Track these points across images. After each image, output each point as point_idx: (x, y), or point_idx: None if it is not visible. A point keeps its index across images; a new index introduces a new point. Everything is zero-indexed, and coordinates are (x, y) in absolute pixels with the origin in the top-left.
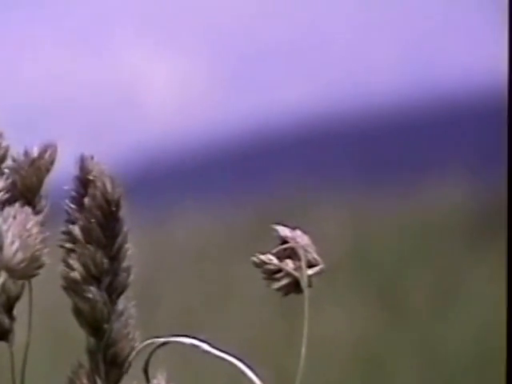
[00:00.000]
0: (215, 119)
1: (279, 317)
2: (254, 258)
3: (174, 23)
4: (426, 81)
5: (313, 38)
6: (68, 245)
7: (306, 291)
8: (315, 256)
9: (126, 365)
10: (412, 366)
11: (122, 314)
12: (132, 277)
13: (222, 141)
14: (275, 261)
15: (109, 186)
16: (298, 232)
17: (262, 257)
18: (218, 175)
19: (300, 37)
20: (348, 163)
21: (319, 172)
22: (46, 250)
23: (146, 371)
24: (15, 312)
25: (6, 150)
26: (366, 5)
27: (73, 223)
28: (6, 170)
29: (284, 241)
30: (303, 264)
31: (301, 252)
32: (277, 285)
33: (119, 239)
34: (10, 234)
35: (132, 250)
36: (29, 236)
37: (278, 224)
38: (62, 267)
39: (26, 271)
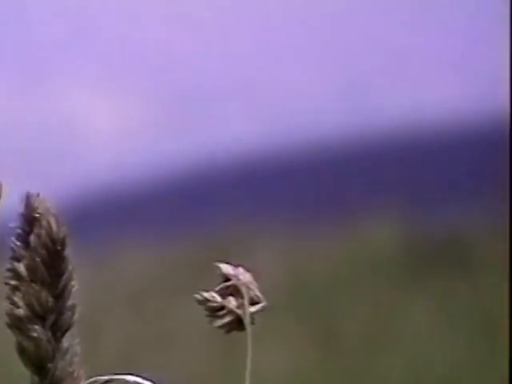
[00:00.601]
0: (154, 155)
1: (221, 353)
2: (197, 296)
3: (113, 61)
4: (361, 119)
5: (250, 76)
6: (13, 282)
7: (249, 328)
8: (257, 293)
9: None
10: None
11: (66, 352)
12: (77, 315)
13: (161, 176)
14: (218, 298)
15: (54, 225)
16: (241, 269)
17: (205, 294)
18: (157, 211)
19: (239, 74)
20: (287, 199)
21: (258, 209)
22: None
23: None
24: None
25: None
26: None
27: (18, 261)
28: None
29: (227, 278)
30: (246, 301)
31: (243, 289)
32: (219, 322)
33: (64, 278)
34: None
35: (77, 288)
36: None
37: (221, 261)
38: (6, 304)
39: None
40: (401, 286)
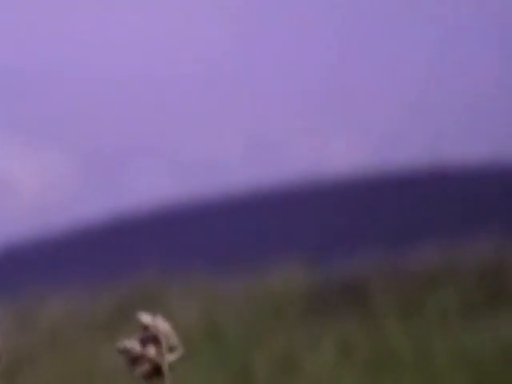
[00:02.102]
0: (76, 205)
1: None
2: (118, 345)
3: (36, 115)
4: (269, 171)
5: (165, 132)
6: None
7: (167, 376)
8: (175, 341)
9: None
10: None
11: None
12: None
13: (83, 226)
14: (137, 347)
15: None
16: (159, 319)
17: (126, 343)
18: (80, 260)
19: (155, 130)
20: (199, 250)
21: (174, 258)
22: None
23: None
24: None
25: None
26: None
27: None
28: None
29: (146, 327)
30: (164, 350)
31: (162, 338)
32: (139, 371)
33: None
34: None
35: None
36: None
37: (140, 311)
38: None
39: None
40: (305, 328)
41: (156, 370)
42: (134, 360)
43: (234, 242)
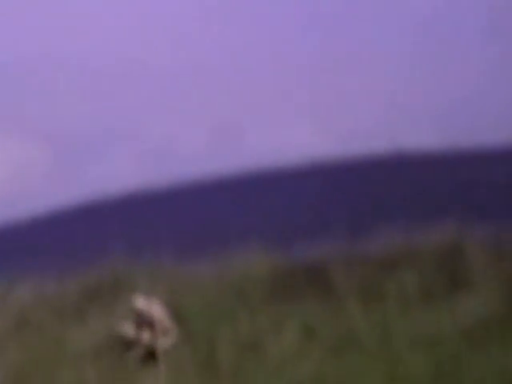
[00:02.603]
0: (46, 192)
1: (112, 373)
2: (114, 330)
3: (6, 104)
4: (233, 158)
5: (131, 122)
6: None
7: (162, 360)
8: (170, 326)
9: None
10: None
11: None
12: None
13: (54, 213)
14: (132, 332)
15: None
16: (154, 303)
17: (119, 328)
18: (46, 249)
19: (121, 121)
20: (168, 235)
21: (140, 244)
22: None
23: None
24: None
25: None
26: None
27: None
28: None
29: (140, 312)
30: (158, 334)
31: (156, 323)
32: (133, 355)
33: None
34: None
35: None
36: None
37: (131, 294)
38: None
39: None
40: (269, 311)
41: (150, 355)
42: (129, 344)
43: (198, 228)
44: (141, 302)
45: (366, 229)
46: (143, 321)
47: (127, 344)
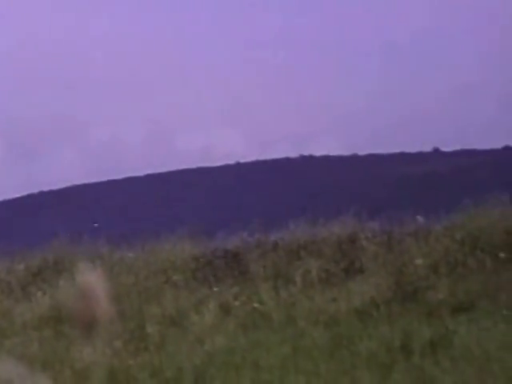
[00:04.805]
0: None
1: (54, 341)
2: (56, 303)
3: None
4: (163, 159)
5: (73, 118)
6: None
7: (102, 330)
8: (109, 298)
9: None
10: (150, 379)
11: None
12: None
13: (1, 198)
14: (73, 303)
15: None
16: (95, 276)
17: (61, 301)
18: None
19: (67, 118)
20: (102, 221)
21: (82, 230)
22: None
23: None
24: None
25: None
26: None
27: None
28: None
29: (79, 286)
30: (99, 305)
31: (97, 295)
32: (75, 325)
33: None
34: None
35: None
36: None
37: (50, 275)
38: None
39: None
40: (192, 291)
41: (88, 325)
42: (69, 315)
43: (133, 216)
44: (81, 278)
45: (277, 221)
46: (83, 294)
47: (68, 315)
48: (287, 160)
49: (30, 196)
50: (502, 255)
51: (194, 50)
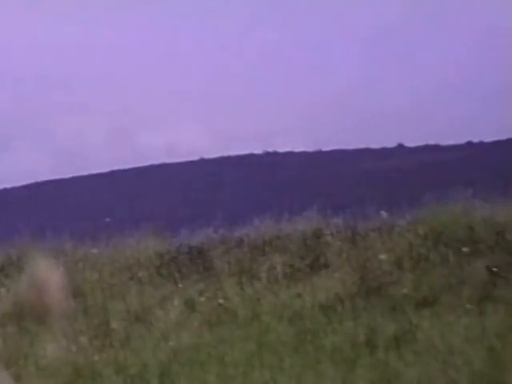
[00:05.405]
0: None
1: (17, 336)
2: (18, 298)
3: None
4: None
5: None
6: None
7: (55, 322)
8: (64, 291)
9: None
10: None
11: None
12: None
13: None
14: (27, 294)
15: None
16: (49, 269)
17: (22, 296)
18: None
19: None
20: (65, 218)
21: (45, 226)
22: None
23: None
24: None
25: None
26: None
27: None
28: None
29: (39, 280)
30: (53, 297)
31: (51, 287)
32: (29, 316)
33: None
34: None
35: None
36: None
37: (13, 269)
38: None
39: None
40: (157, 288)
41: (44, 317)
42: (30, 310)
43: (97, 213)
44: (41, 272)
45: (242, 217)
46: (37, 289)
47: (29, 309)
48: (252, 156)
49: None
50: (464, 250)
51: (158, 46)
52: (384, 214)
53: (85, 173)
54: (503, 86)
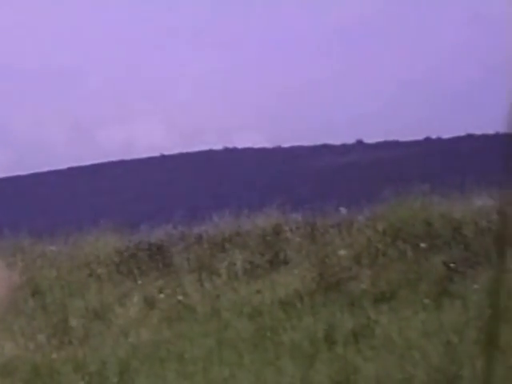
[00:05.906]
0: None
1: None
2: None
3: None
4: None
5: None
6: None
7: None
8: (6, 288)
9: None
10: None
11: None
12: None
13: None
14: None
15: None
16: None
17: None
18: None
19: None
20: (25, 215)
21: (4, 223)
22: None
23: None
24: None
25: None
26: None
27: None
28: None
29: None
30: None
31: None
32: None
33: None
34: None
35: None
36: None
37: None
38: None
39: None
40: (116, 284)
41: (1, 314)
42: None
43: (56, 210)
44: None
45: (201, 213)
46: None
47: None
48: (211, 152)
49: None
50: (422, 245)
51: (117, 44)
52: (343, 210)
53: (43, 169)
54: (463, 83)
